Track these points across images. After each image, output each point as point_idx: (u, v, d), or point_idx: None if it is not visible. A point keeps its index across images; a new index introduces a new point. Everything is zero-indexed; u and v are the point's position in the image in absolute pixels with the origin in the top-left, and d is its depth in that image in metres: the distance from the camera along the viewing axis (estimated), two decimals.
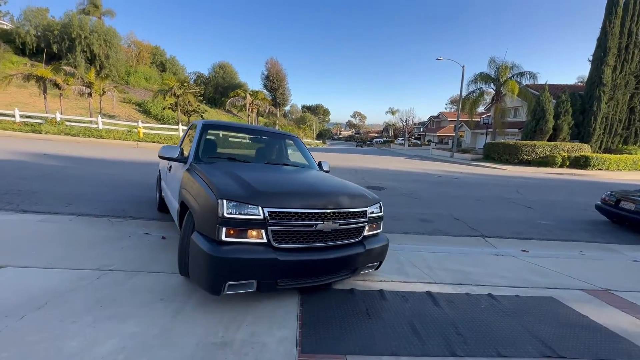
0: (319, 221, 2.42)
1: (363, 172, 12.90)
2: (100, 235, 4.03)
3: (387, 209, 6.71)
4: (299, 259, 2.33)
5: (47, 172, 7.60)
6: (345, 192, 2.80)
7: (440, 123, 57.85)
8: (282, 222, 2.30)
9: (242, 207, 2.24)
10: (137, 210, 5.30)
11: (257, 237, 2.26)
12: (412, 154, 31.60)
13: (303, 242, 2.40)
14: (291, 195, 2.50)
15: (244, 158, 3.86)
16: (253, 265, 2.22)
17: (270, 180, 2.87)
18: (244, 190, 2.37)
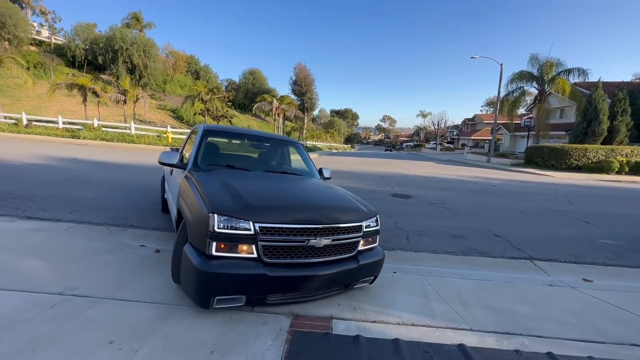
0: (311, 237, 2.37)
1: (389, 178, 12.06)
2: (90, 247, 3.71)
3: (412, 220, 6.00)
4: (288, 274, 2.29)
5: (69, 176, 7.67)
6: (339, 206, 2.77)
7: (475, 126, 54.76)
8: (273, 237, 2.26)
9: (234, 222, 2.20)
10: (141, 218, 5.00)
11: (247, 251, 2.24)
12: (444, 159, 29.87)
13: (294, 257, 2.35)
14: (283, 210, 2.43)
15: (243, 165, 3.76)
16: (242, 281, 2.18)
17: (265, 192, 2.79)
18: (236, 204, 2.33)
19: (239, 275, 2.16)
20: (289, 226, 2.31)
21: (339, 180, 10.27)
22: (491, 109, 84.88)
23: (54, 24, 46.96)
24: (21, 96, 30.97)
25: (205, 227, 2.18)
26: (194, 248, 2.30)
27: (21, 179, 6.92)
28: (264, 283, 2.22)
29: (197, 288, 2.19)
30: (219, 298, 2.19)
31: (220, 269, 2.13)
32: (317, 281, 2.43)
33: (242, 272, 2.17)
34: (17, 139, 16.37)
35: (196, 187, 2.64)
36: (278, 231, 2.28)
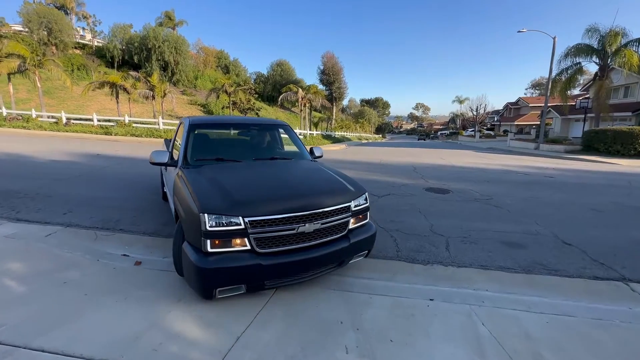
0: (300, 224, 2.45)
1: (423, 169, 10.82)
2: (60, 259, 3.17)
3: (452, 223, 4.89)
4: (282, 261, 2.39)
5: (83, 172, 7.46)
6: (326, 190, 2.83)
7: (519, 110, 50.08)
8: (264, 229, 2.35)
9: (224, 219, 2.28)
10: (136, 219, 4.47)
11: (240, 245, 2.32)
12: (485, 147, 27.33)
13: (286, 244, 2.45)
14: (270, 201, 2.49)
15: (232, 156, 3.64)
16: (239, 272, 2.29)
17: (252, 185, 2.80)
18: (224, 201, 2.39)
19: (235, 268, 2.27)
20: (277, 217, 2.38)
21: (364, 174, 9.29)
22: (537, 92, 77.56)
23: (95, 27, 49.55)
24: (66, 97, 33.07)
25: (199, 226, 2.25)
26: (191, 246, 2.38)
27: (35, 177, 6.77)
28: (260, 272, 2.32)
29: (199, 282, 2.31)
30: (220, 289, 2.33)
31: (218, 264, 2.23)
32: (311, 263, 2.54)
33: (238, 264, 2.27)
34: (56, 136, 17.16)
35: (187, 186, 2.67)
36: (267, 223, 2.36)
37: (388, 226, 4.58)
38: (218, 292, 2.33)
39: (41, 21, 38.06)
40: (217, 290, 2.32)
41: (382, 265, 3.42)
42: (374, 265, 3.42)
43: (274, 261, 2.35)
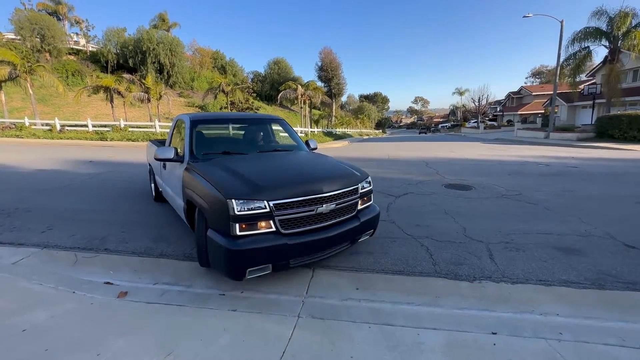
0: (318, 205, 2.65)
1: (435, 164, 10.18)
2: (29, 293, 2.59)
3: (487, 224, 4.52)
4: (305, 240, 2.57)
5: (70, 182, 6.86)
6: (336, 174, 3.05)
7: (521, 100, 49.20)
8: (287, 211, 2.52)
9: (250, 204, 2.41)
10: (125, 235, 3.87)
11: (266, 227, 2.47)
12: (491, 138, 26.60)
13: (306, 225, 2.63)
14: (290, 186, 2.66)
15: (237, 149, 3.80)
16: (268, 252, 2.45)
17: (269, 172, 3.00)
18: (248, 187, 2.53)
19: (265, 248, 2.42)
20: (298, 199, 2.57)
21: (375, 171, 8.67)
22: (537, 80, 76.46)
23: (88, 32, 48.88)
24: (61, 104, 32.48)
25: (226, 212, 2.38)
26: (217, 232, 2.49)
27: (17, 189, 6.18)
28: (286, 251, 2.51)
29: (230, 265, 2.43)
30: (250, 269, 2.44)
31: (248, 245, 2.38)
32: (329, 242, 2.72)
33: (267, 244, 2.43)
34: (50, 144, 16.58)
35: (203, 177, 2.81)
36: (290, 205, 2.54)
37: (415, 232, 3.96)
38: (248, 272, 2.46)
39: (33, 28, 37.40)
40: (247, 270, 2.44)
41: (420, 284, 2.81)
42: (411, 284, 2.82)
43: (298, 240, 2.54)
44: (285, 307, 2.45)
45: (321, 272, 3.01)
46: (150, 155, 5.47)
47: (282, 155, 3.85)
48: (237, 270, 2.45)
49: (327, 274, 2.99)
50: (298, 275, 2.96)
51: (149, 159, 5.66)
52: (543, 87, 46.95)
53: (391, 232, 3.98)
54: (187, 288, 2.79)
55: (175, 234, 3.93)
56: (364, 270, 3.05)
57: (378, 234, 3.87)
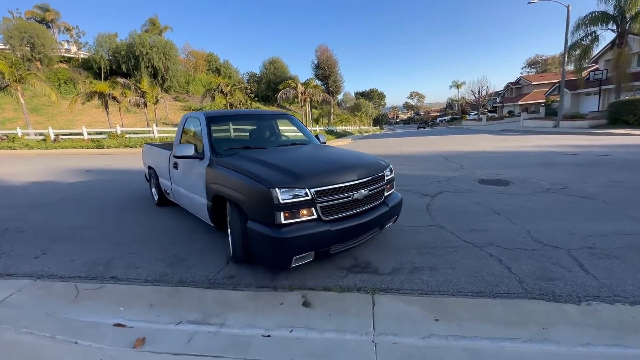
0: (354, 191, 2.74)
1: (455, 158, 9.62)
2: (15, 348, 1.99)
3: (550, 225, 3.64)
4: (344, 226, 2.62)
5: (67, 195, 6.24)
6: (364, 162, 3.12)
7: (520, 90, 48.76)
8: (327, 198, 2.58)
9: (292, 192, 2.46)
10: (131, 259, 3.26)
11: (308, 214, 2.51)
12: (496, 129, 26.03)
13: (344, 211, 2.70)
14: (327, 173, 2.73)
15: (256, 144, 3.81)
16: (312, 239, 2.48)
17: (301, 162, 3.05)
18: (289, 176, 2.58)
19: (310, 235, 2.45)
20: (336, 186, 2.64)
21: (395, 167, 8.07)
22: (533, 70, 76.04)
23: (79, 38, 48.00)
24: (55, 113, 31.74)
25: (270, 202, 2.40)
26: (259, 223, 2.51)
27: (8, 205, 5.57)
28: (329, 237, 2.54)
29: (277, 254, 2.48)
30: (296, 257, 2.50)
31: (294, 233, 2.41)
32: (364, 227, 2.79)
33: (311, 231, 2.46)
34: (44, 154, 15.90)
35: (235, 170, 2.85)
36: (329, 192, 2.60)
37: (474, 239, 3.38)
38: (294, 260, 2.51)
39: (22, 36, 36.54)
40: (294, 258, 2.49)
41: (513, 310, 2.23)
42: (501, 309, 2.23)
43: (338, 226, 2.58)
44: (355, 354, 1.86)
45: (382, 298, 2.42)
46: (149, 158, 5.42)
47: (303, 148, 3.89)
48: (284, 259, 2.50)
49: (390, 299, 2.41)
50: (354, 302, 2.38)
51: (147, 162, 5.50)
52: (542, 77, 46.57)
53: (446, 240, 3.40)
54: (219, 328, 2.19)
55: (194, 252, 3.34)
56: (434, 293, 2.46)
57: (432, 243, 3.32)
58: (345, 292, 2.52)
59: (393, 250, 3.22)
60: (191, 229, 4.02)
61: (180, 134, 4.26)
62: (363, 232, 2.83)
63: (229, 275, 2.83)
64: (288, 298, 2.48)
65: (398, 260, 2.98)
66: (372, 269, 2.85)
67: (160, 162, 4.76)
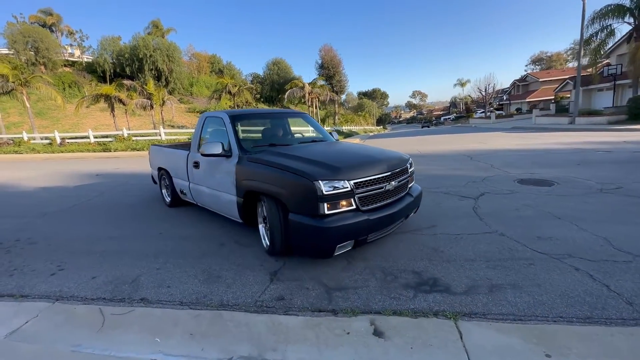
0: (386, 183, 2.91)
1: (480, 157, 9.19)
2: None
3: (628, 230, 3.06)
4: (380, 215, 2.78)
5: (78, 202, 5.90)
6: (389, 156, 3.25)
7: (527, 87, 48.10)
8: (364, 189, 2.74)
9: (334, 184, 2.58)
10: (160, 275, 2.88)
11: (347, 205, 2.64)
12: (508, 127, 25.48)
13: (378, 202, 2.87)
14: (362, 166, 2.87)
15: (280, 141, 3.96)
16: (353, 228, 2.59)
17: (335, 156, 3.18)
18: (329, 169, 2.70)
19: (351, 224, 2.57)
20: (372, 177, 2.80)
21: (420, 167, 7.70)
22: (538, 67, 75.16)
23: (82, 42, 47.99)
24: (60, 117, 31.59)
25: (313, 194, 2.52)
26: (302, 214, 2.61)
27: (17, 213, 5.23)
28: (366, 226, 2.67)
29: (321, 243, 2.58)
30: (339, 246, 2.60)
31: (337, 223, 2.52)
32: (395, 216, 2.94)
33: (352, 221, 2.59)
34: (50, 158, 15.64)
35: (273, 166, 2.93)
36: (366, 183, 2.75)
37: (547, 249, 2.97)
38: (337, 248, 2.61)
39: (27, 41, 36.50)
40: (337, 246, 2.59)
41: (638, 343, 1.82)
42: (624, 343, 1.82)
43: (375, 215, 2.74)
44: None
45: (469, 326, 2.02)
46: (160, 159, 5.34)
47: (327, 144, 3.98)
48: (328, 248, 2.59)
49: (479, 327, 2.01)
50: (435, 330, 1.98)
51: (157, 163, 5.44)
52: (550, 73, 45.94)
53: (514, 250, 2.99)
54: None
55: (229, 267, 2.96)
56: (531, 319, 2.06)
57: (499, 254, 2.94)
58: (421, 317, 2.12)
59: (457, 262, 2.82)
60: (219, 240, 3.64)
61: (199, 133, 4.22)
62: (394, 221, 2.98)
63: (277, 296, 2.45)
64: (354, 325, 2.10)
65: (469, 276, 2.58)
66: (443, 287, 2.45)
67: (175, 163, 4.73)
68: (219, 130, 3.90)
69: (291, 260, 3.03)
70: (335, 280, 2.63)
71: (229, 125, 3.69)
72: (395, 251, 3.11)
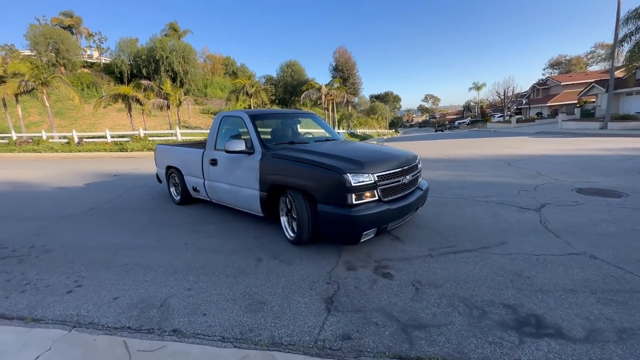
0: (403, 176, 3.20)
1: (516, 161, 8.56)
2: None
3: None
4: (399, 205, 3.05)
5: (96, 204, 5.56)
6: (403, 153, 3.61)
7: (548, 91, 46.53)
8: (385, 181, 3.01)
9: (360, 176, 2.84)
10: (191, 301, 2.44)
11: (371, 196, 2.89)
12: (532, 132, 24.42)
13: (396, 194, 3.15)
14: (382, 161, 3.13)
15: (298, 139, 4.20)
16: (377, 217, 2.84)
17: (357, 153, 3.38)
18: (354, 164, 2.95)
19: (375, 213, 2.82)
20: (392, 171, 3.08)
21: (458, 172, 7.15)
22: (556, 71, 72.97)
23: (101, 44, 48.92)
24: (78, 117, 32.08)
25: (342, 186, 2.77)
26: (331, 205, 2.86)
27: (33, 215, 4.92)
28: (388, 215, 2.93)
29: (351, 230, 2.80)
30: (365, 233, 2.84)
31: (364, 212, 2.77)
32: (411, 207, 3.23)
33: (377, 210, 2.84)
34: (68, 158, 15.62)
35: (300, 162, 3.15)
36: (387, 177, 3.03)
37: None
38: (363, 235, 2.85)
39: (48, 42, 37.35)
40: (363, 234, 2.83)
41: None
42: None
43: (395, 205, 3.00)
44: None
45: None
46: (169, 158, 5.37)
47: (341, 143, 4.24)
48: (356, 235, 2.83)
49: None
50: None
51: (165, 162, 5.48)
52: (572, 77, 44.39)
53: (621, 279, 2.44)
54: None
55: (273, 290, 2.49)
56: None
57: (603, 284, 2.39)
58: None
59: (554, 293, 2.28)
60: (255, 254, 3.19)
61: (216, 132, 4.32)
62: (409, 212, 3.26)
63: (342, 334, 1.96)
64: None
65: (580, 314, 2.04)
66: (552, 329, 1.92)
67: (188, 161, 4.80)
68: (237, 129, 4.15)
69: (346, 283, 2.55)
70: (409, 314, 2.14)
71: (250, 124, 3.84)
72: (470, 275, 2.59)
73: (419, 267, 2.76)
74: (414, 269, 2.73)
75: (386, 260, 2.92)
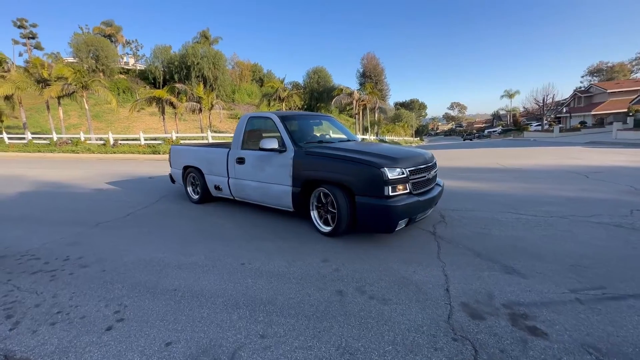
0: (428, 172, 3.53)
1: (593, 173, 7.46)
2: None
3: None
4: (426, 197, 3.36)
5: (133, 209, 5.14)
6: (422, 152, 3.82)
7: (591, 99, 43.44)
8: (415, 176, 3.31)
9: (395, 171, 3.11)
10: (268, 353, 1.76)
11: (403, 189, 3.14)
12: (582, 142, 22.37)
13: (423, 187, 3.47)
14: (410, 158, 3.41)
15: (326, 139, 4.42)
16: (410, 208, 3.09)
17: (387, 151, 3.67)
18: (389, 160, 3.21)
19: (409, 204, 3.08)
20: (420, 167, 3.41)
21: (528, 184, 6.19)
22: (596, 79, 68.48)
23: (137, 51, 51.10)
24: (113, 119, 33.34)
25: (379, 179, 3.02)
26: (369, 196, 3.10)
27: (68, 219, 4.53)
28: (418, 206, 3.20)
29: (388, 220, 3.03)
30: (400, 222, 3.07)
31: (400, 202, 3.02)
32: (433, 201, 3.51)
33: (409, 201, 3.10)
34: (104, 158, 15.86)
35: (336, 158, 3.40)
36: (416, 171, 3.34)
37: None
38: (398, 224, 3.07)
39: (89, 49, 39.34)
40: (399, 222, 3.06)
41: None
42: None
43: (422, 198, 3.28)
44: None
45: None
46: (188, 158, 5.42)
47: (365, 143, 4.82)
48: (392, 224, 3.05)
49: None
50: None
51: (183, 162, 5.50)
52: (619, 84, 41.32)
53: None
54: None
55: (382, 345, 1.78)
56: None
57: None
58: None
59: None
60: (332, 285, 2.51)
61: (243, 132, 4.47)
62: (432, 205, 3.55)
63: None
64: None
65: None
66: None
67: (212, 160, 4.91)
68: (269, 129, 4.23)
69: (483, 342, 1.80)
70: None
71: (280, 124, 4.03)
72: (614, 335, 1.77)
73: (574, 319, 1.96)
74: (569, 322, 1.94)
75: (519, 305, 2.15)
